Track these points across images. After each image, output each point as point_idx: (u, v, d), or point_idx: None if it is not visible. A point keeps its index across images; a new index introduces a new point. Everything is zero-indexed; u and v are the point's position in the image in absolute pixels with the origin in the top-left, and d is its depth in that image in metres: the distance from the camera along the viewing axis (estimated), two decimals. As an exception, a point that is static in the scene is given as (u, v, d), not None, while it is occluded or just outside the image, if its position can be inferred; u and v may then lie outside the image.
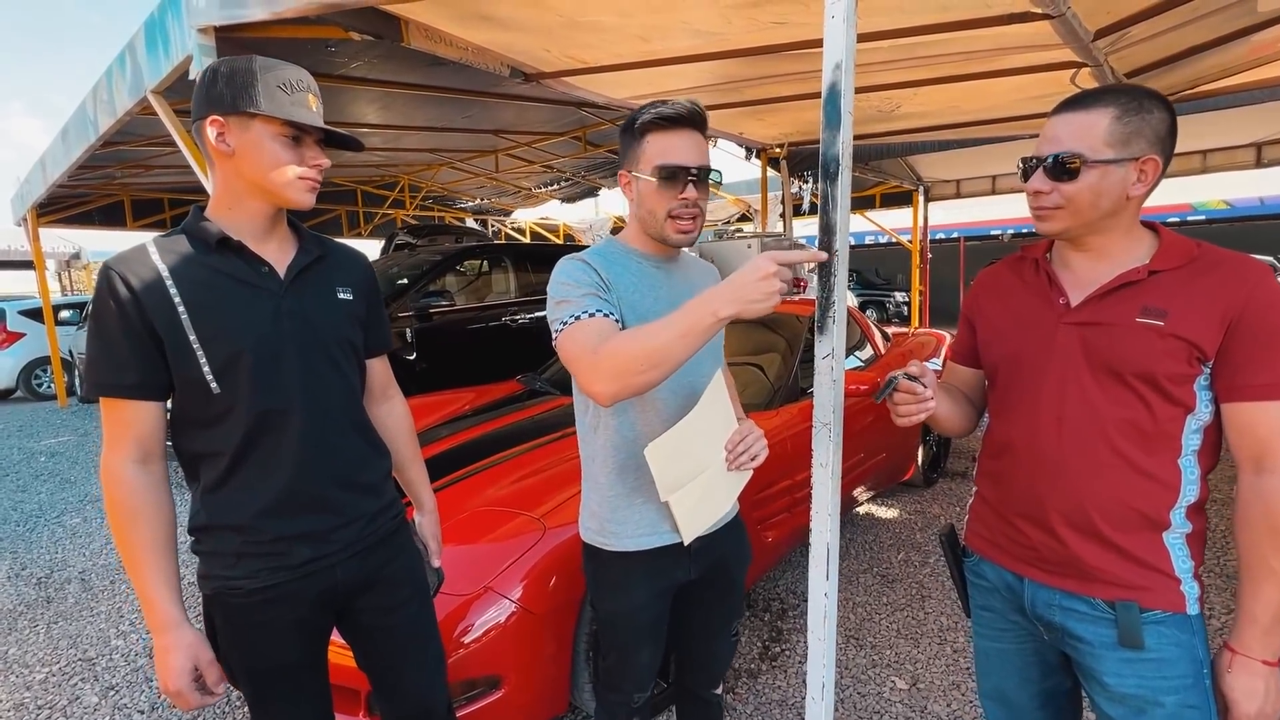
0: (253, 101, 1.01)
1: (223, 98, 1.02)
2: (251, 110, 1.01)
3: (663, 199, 1.21)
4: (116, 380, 1.02)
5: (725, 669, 1.52)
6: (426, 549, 1.39)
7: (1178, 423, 0.99)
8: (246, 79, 1.01)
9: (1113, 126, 0.98)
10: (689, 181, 1.20)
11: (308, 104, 1.07)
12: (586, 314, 1.15)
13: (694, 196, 1.22)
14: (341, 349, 1.17)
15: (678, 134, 1.20)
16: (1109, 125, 0.98)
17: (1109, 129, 0.98)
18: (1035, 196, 1.04)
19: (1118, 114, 0.98)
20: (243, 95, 1.01)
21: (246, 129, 1.03)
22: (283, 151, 1.05)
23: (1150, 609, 1.00)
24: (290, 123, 1.04)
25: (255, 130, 1.03)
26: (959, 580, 1.26)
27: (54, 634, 2.68)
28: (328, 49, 4.07)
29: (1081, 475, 1.03)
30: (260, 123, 1.03)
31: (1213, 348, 0.95)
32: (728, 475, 1.24)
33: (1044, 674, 1.16)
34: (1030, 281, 1.14)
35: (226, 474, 1.08)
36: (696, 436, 1.20)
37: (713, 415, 1.21)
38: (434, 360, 4.63)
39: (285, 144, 1.05)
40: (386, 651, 1.27)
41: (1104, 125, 0.98)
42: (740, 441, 1.21)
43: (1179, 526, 1.00)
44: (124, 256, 1.04)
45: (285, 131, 1.05)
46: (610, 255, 1.29)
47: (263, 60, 1.04)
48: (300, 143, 1.07)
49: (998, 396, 1.17)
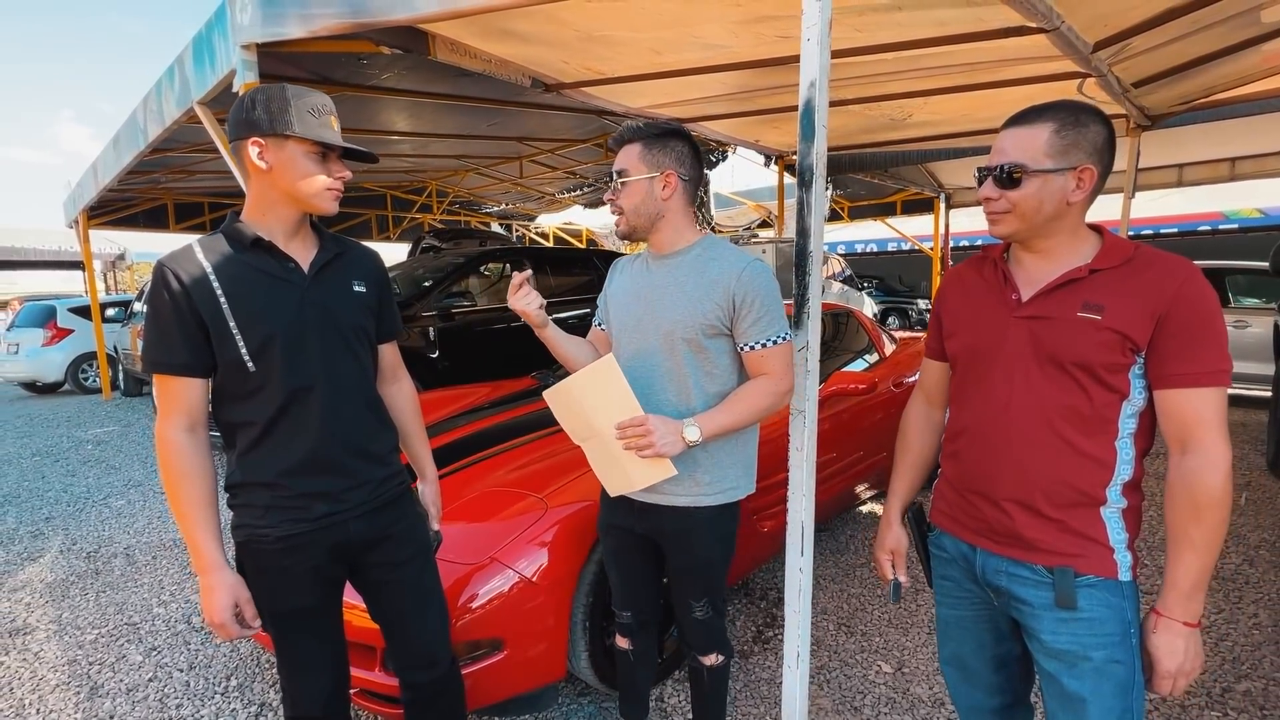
0: (288, 125, 1.19)
1: (261, 122, 1.20)
2: (287, 132, 1.19)
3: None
4: (169, 359, 1.20)
5: (703, 643, 1.61)
6: (428, 513, 1.54)
7: (1114, 408, 1.10)
8: (282, 105, 1.20)
9: (1052, 139, 1.09)
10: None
11: (330, 125, 1.26)
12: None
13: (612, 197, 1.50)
14: (356, 334, 1.35)
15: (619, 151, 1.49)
16: (1048, 138, 1.09)
17: (1048, 141, 1.09)
18: (986, 202, 1.16)
19: (1056, 128, 1.09)
20: (279, 119, 1.19)
21: (282, 148, 1.21)
22: (313, 166, 1.23)
23: (1085, 574, 1.10)
24: (319, 142, 1.22)
25: (289, 149, 1.21)
26: (923, 553, 1.37)
27: (102, 601, 2.91)
28: (359, 62, 4.30)
29: (1026, 455, 1.14)
30: (294, 143, 1.21)
31: (1144, 339, 1.06)
32: (636, 459, 1.37)
33: (997, 640, 1.27)
34: (989, 279, 1.25)
35: (259, 440, 1.26)
36: (584, 400, 1.40)
37: (602, 389, 1.38)
38: (455, 358, 4.82)
39: (315, 160, 1.24)
40: (394, 603, 1.43)
41: (1044, 138, 1.09)
42: (630, 425, 1.35)
43: (1115, 502, 1.11)
44: (175, 255, 1.23)
45: (315, 149, 1.23)
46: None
47: (293, 88, 1.22)
48: (326, 158, 1.26)
49: (957, 384, 1.28)
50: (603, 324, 1.64)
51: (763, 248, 5.87)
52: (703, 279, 1.42)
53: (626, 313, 1.52)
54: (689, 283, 1.44)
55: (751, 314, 1.40)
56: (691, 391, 1.44)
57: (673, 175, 1.44)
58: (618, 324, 1.54)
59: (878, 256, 17.00)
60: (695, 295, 1.42)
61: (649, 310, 1.47)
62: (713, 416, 1.39)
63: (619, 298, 1.56)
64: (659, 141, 1.44)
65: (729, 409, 1.41)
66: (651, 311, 1.47)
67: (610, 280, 1.63)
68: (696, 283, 1.43)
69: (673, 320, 1.43)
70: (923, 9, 2.49)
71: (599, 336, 1.66)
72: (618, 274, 1.62)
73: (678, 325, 1.42)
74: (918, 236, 10.83)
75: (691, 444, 1.36)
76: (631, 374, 1.44)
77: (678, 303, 1.43)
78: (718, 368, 1.45)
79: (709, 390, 1.45)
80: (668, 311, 1.44)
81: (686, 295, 1.43)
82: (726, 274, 1.41)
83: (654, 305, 1.46)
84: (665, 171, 1.43)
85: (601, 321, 1.65)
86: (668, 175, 1.43)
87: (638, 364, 1.47)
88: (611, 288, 1.61)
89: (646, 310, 1.47)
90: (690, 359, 1.43)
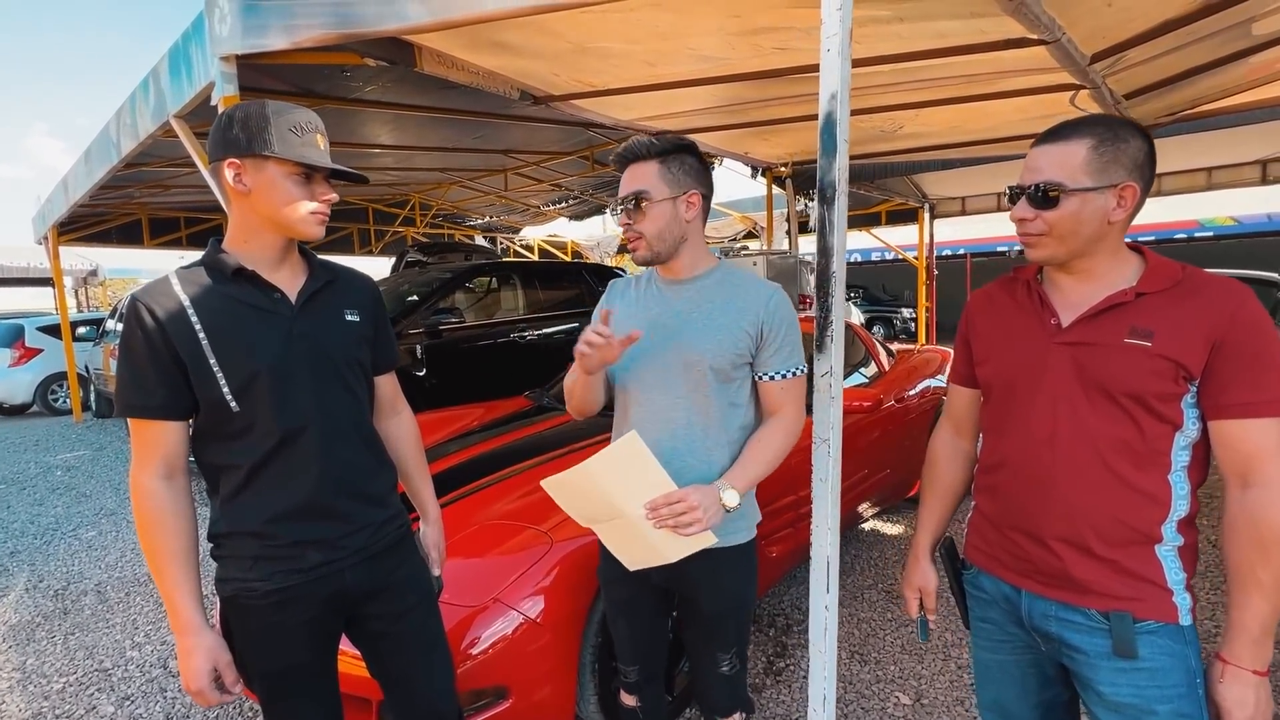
0: (266, 145, 1.09)
1: (238, 142, 1.10)
2: (265, 153, 1.09)
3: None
4: (144, 402, 1.09)
5: (726, 703, 1.49)
6: (428, 557, 1.43)
7: (1166, 440, 1.03)
8: (260, 123, 1.09)
9: (1090, 156, 1.02)
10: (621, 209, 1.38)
11: (316, 144, 1.15)
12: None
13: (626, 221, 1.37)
14: (350, 368, 1.25)
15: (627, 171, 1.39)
16: (1086, 155, 1.03)
17: (1086, 158, 1.03)
18: (1020, 224, 1.09)
19: (1094, 144, 1.03)
20: (257, 139, 1.09)
21: (261, 170, 1.11)
22: (295, 189, 1.13)
23: (1144, 619, 1.02)
24: (300, 163, 1.12)
25: (269, 171, 1.11)
26: (958, 592, 1.29)
27: (71, 645, 2.73)
28: (343, 74, 4.20)
29: (1074, 491, 1.06)
30: (274, 164, 1.11)
31: (1198, 367, 0.99)
32: (671, 534, 1.24)
33: (1042, 685, 1.19)
34: (1022, 302, 1.18)
35: (245, 484, 1.15)
36: (605, 484, 1.24)
37: (627, 469, 1.23)
38: (443, 376, 4.69)
39: (297, 182, 1.13)
40: (396, 658, 1.31)
41: (1082, 155, 1.03)
42: (665, 504, 1.22)
43: (1171, 540, 1.03)
44: (149, 288, 1.12)
45: (297, 171, 1.13)
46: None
47: (275, 105, 1.12)
48: (311, 180, 1.15)
49: (991, 413, 1.21)
50: None
51: (754, 260, 5.83)
52: (730, 306, 1.34)
53: (644, 341, 1.41)
54: (717, 310, 1.35)
55: (775, 342, 1.33)
56: (715, 422, 1.35)
57: (696, 195, 1.35)
58: (630, 353, 1.44)
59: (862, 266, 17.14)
60: (725, 323, 1.33)
61: (671, 339, 1.37)
62: (744, 472, 1.30)
63: (629, 325, 1.42)
64: (677, 159, 1.34)
65: (757, 460, 1.32)
66: (675, 340, 1.37)
67: (610, 305, 1.48)
68: (724, 309, 1.34)
69: (702, 349, 1.34)
70: (924, 20, 2.46)
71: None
72: (620, 299, 1.50)
73: (708, 354, 1.33)
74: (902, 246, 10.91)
75: (730, 509, 1.26)
76: (651, 407, 1.36)
77: (707, 331, 1.34)
78: (740, 397, 1.38)
79: (732, 422, 1.36)
80: (696, 340, 1.34)
81: (716, 324, 1.34)
82: (755, 301, 1.34)
83: (678, 333, 1.37)
84: (689, 192, 1.34)
85: None
86: (691, 196, 1.34)
87: (658, 396, 1.38)
88: (616, 316, 1.43)
89: (668, 339, 1.38)
90: (718, 389, 1.35)
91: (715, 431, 1.35)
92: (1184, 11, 2.52)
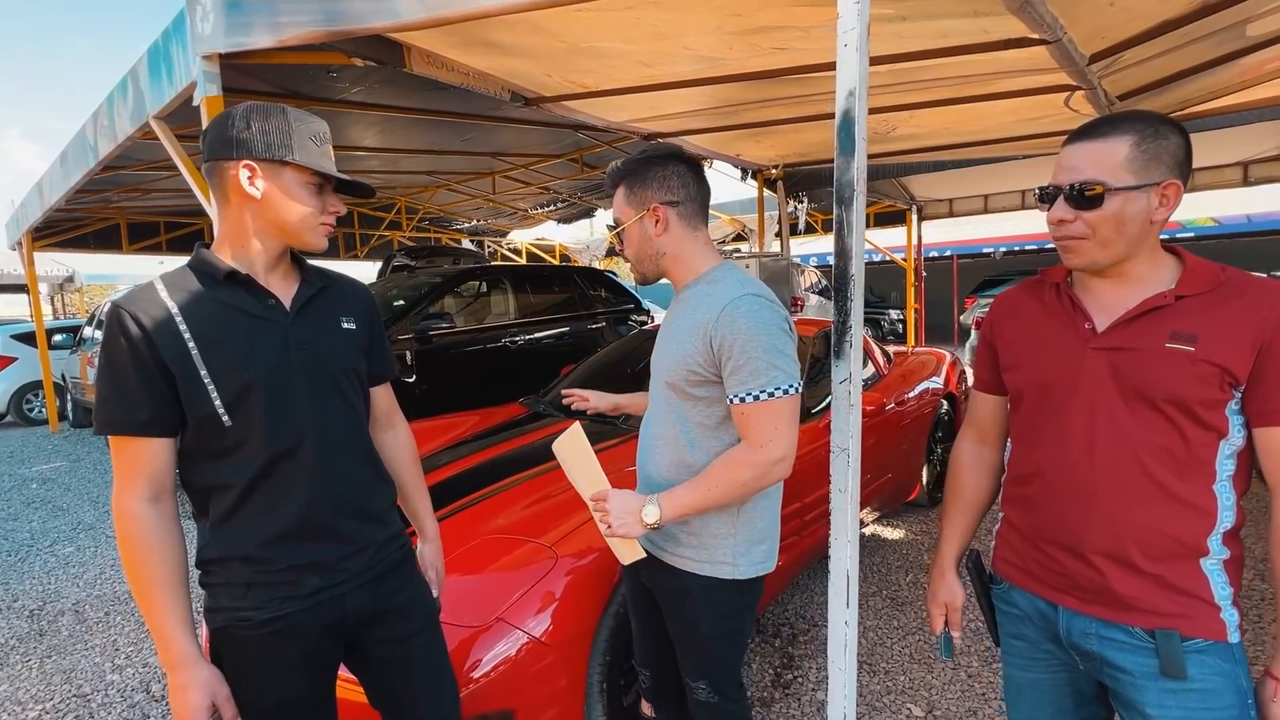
0: (290, 151, 1.06)
1: (253, 143, 1.05)
2: (289, 159, 1.06)
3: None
4: (128, 418, 1.01)
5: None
6: (426, 579, 1.36)
7: (1211, 448, 0.99)
8: (283, 128, 1.06)
9: (1132, 153, 0.98)
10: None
11: (329, 155, 1.13)
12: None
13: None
14: (348, 378, 1.19)
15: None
16: (1128, 152, 0.98)
17: (1129, 156, 0.98)
18: (1059, 226, 1.03)
19: (1136, 140, 0.98)
20: (279, 144, 1.06)
21: (278, 175, 1.07)
22: (309, 198, 1.10)
23: (1191, 637, 0.98)
24: (319, 172, 1.09)
25: (287, 177, 1.08)
26: (987, 608, 1.24)
27: (47, 669, 2.61)
28: (328, 74, 4.11)
29: (1116, 503, 1.01)
30: (292, 171, 1.08)
31: (1244, 372, 0.95)
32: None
33: (1078, 704, 1.14)
34: (1051, 305, 1.13)
35: (237, 505, 1.07)
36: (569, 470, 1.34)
37: (576, 459, 1.30)
38: (434, 383, 4.60)
39: (312, 191, 1.11)
40: (400, 686, 1.24)
41: (1123, 152, 0.98)
42: (595, 499, 1.26)
43: (1216, 553, 0.99)
44: (133, 295, 1.05)
45: (314, 180, 1.10)
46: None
47: (294, 112, 1.08)
48: (323, 191, 1.12)
49: (1023, 421, 1.16)
50: None
51: (746, 263, 5.79)
52: (691, 318, 1.26)
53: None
54: (681, 322, 1.29)
55: (731, 361, 1.18)
56: (682, 445, 1.29)
57: (658, 208, 1.28)
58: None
59: (848, 268, 17.18)
60: (682, 337, 1.26)
61: (656, 354, 1.37)
62: (677, 495, 1.21)
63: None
64: (638, 176, 1.30)
65: (695, 486, 1.21)
66: (656, 354, 1.36)
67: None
68: (686, 322, 1.27)
69: (661, 366, 1.31)
70: (927, 19, 2.43)
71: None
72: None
73: (665, 371, 1.30)
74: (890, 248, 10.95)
75: (651, 525, 1.20)
76: (645, 421, 1.39)
77: (667, 346, 1.31)
78: (712, 419, 1.27)
79: (706, 446, 1.28)
80: (660, 356, 1.33)
81: (677, 338, 1.28)
82: (709, 312, 1.21)
83: (658, 349, 1.36)
84: (650, 207, 1.29)
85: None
86: (654, 210, 1.29)
87: (650, 411, 1.39)
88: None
89: (655, 354, 1.37)
90: (683, 409, 1.28)
91: (682, 453, 1.29)
92: (1184, 11, 2.51)
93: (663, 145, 1.36)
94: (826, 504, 2.64)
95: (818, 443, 2.63)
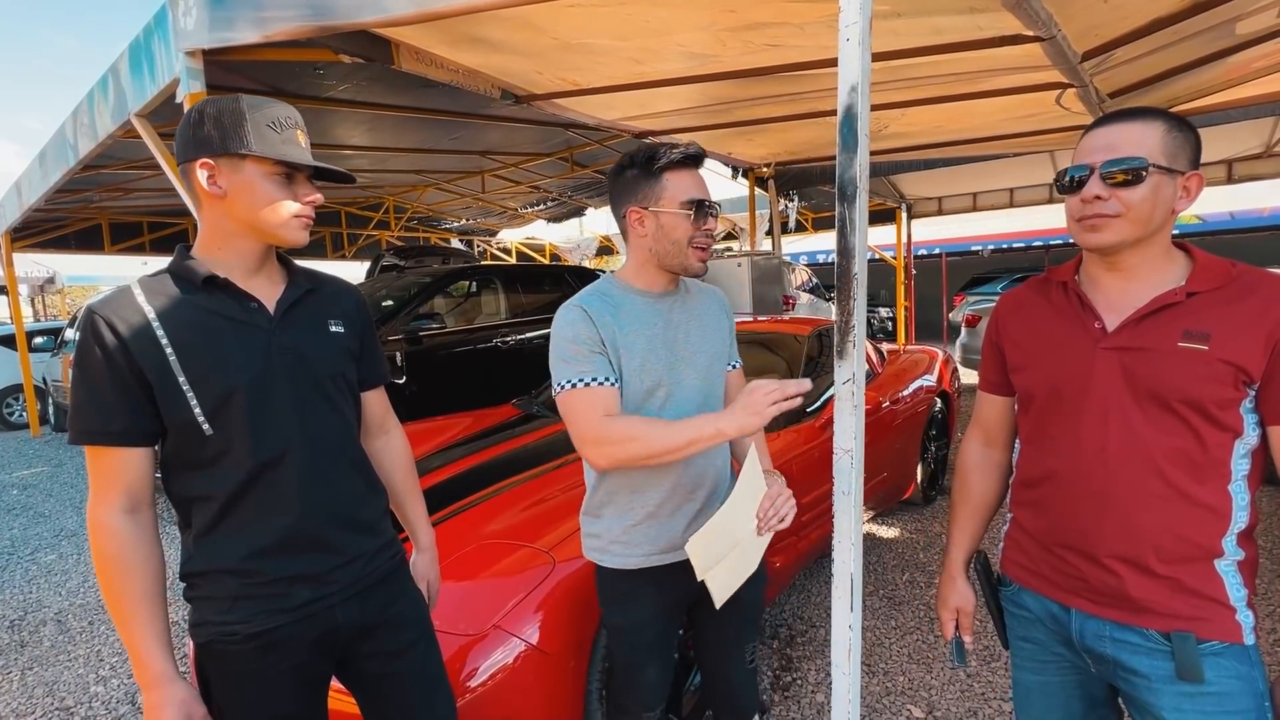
0: (243, 142, 1.00)
1: (211, 140, 1.00)
2: (242, 151, 1.00)
3: (689, 230, 1.29)
4: (104, 427, 0.98)
5: (751, 703, 1.49)
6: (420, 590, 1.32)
7: (1226, 448, 0.97)
8: (235, 119, 1.00)
9: (1166, 139, 0.97)
10: (710, 214, 1.31)
11: (297, 140, 1.06)
12: (585, 381, 1.25)
13: (714, 226, 1.33)
14: (336, 383, 1.14)
15: (693, 172, 1.31)
16: (1163, 136, 0.97)
17: (1163, 140, 0.97)
18: (1092, 204, 0.99)
19: (1168, 128, 0.98)
20: (232, 136, 0.99)
21: (238, 170, 1.01)
22: (276, 190, 1.03)
23: (1207, 639, 0.97)
24: (282, 161, 1.02)
25: (247, 171, 1.01)
26: (995, 610, 1.23)
27: (28, 681, 2.54)
28: (315, 71, 4.04)
29: (1131, 507, 1.00)
30: (251, 163, 1.01)
31: (1259, 370, 0.94)
32: (757, 539, 1.29)
33: (1088, 708, 1.13)
34: (1059, 304, 1.11)
35: (220, 517, 1.03)
36: (733, 519, 1.26)
37: (746, 493, 1.26)
38: (425, 384, 4.55)
39: (278, 183, 1.04)
40: (395, 700, 1.20)
41: (1159, 135, 0.97)
42: (770, 506, 1.27)
43: (1231, 554, 0.98)
44: (108, 299, 1.01)
45: (278, 170, 1.03)
46: (608, 298, 1.33)
47: (250, 99, 1.02)
48: (293, 180, 1.06)
49: (1032, 423, 1.14)
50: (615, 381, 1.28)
51: (738, 261, 5.78)
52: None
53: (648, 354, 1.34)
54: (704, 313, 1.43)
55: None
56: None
57: (634, 210, 1.31)
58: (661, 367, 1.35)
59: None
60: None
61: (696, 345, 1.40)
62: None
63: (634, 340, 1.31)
64: (615, 183, 1.34)
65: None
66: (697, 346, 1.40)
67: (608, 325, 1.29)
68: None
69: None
70: (922, 16, 2.42)
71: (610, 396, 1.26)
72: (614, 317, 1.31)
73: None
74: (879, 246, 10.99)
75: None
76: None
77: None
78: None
79: None
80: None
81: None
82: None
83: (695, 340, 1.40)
84: (626, 210, 1.32)
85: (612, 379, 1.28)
86: (630, 212, 1.32)
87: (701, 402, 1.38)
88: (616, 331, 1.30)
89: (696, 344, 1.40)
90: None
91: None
92: (1175, 9, 2.52)
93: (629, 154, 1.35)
94: (821, 505, 2.64)
95: (813, 443, 2.62)
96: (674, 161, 1.28)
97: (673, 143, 1.32)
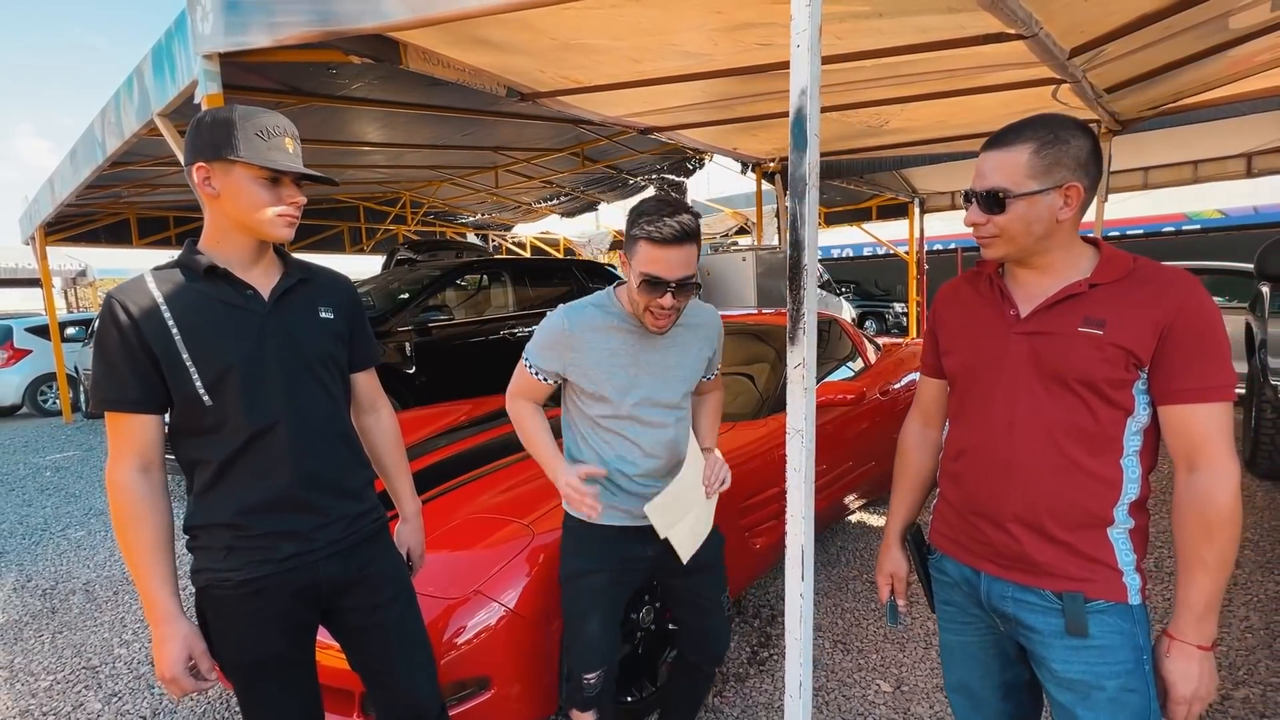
0: (232, 149, 1.12)
1: (206, 146, 1.13)
2: (231, 157, 1.12)
3: (643, 299, 1.42)
4: (119, 396, 1.12)
5: (723, 645, 1.71)
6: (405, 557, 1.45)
7: (1119, 425, 1.06)
8: (227, 128, 1.12)
9: (1032, 161, 1.05)
10: (668, 291, 1.39)
11: (284, 147, 1.17)
12: (530, 366, 1.57)
13: (669, 303, 1.41)
14: (324, 364, 1.27)
15: (666, 250, 1.37)
16: (1028, 160, 1.05)
17: (1029, 163, 1.05)
18: (974, 227, 1.13)
19: (1035, 148, 1.05)
20: (224, 143, 1.12)
21: (228, 174, 1.14)
22: (261, 193, 1.15)
23: (1095, 599, 1.06)
24: (266, 166, 1.14)
25: (236, 174, 1.14)
26: (924, 576, 1.32)
27: (58, 643, 2.74)
28: (328, 71, 4.19)
29: (1032, 476, 1.09)
30: (240, 168, 1.14)
31: (1147, 354, 1.02)
32: (706, 502, 1.56)
33: (1004, 666, 1.22)
34: (985, 294, 1.21)
35: (217, 478, 1.17)
36: (682, 487, 1.49)
37: (691, 467, 1.52)
38: (433, 374, 4.70)
39: (263, 185, 1.15)
40: (377, 650, 1.33)
41: (1024, 160, 1.05)
42: (713, 474, 1.54)
43: (1122, 522, 1.06)
44: (124, 287, 1.15)
45: (263, 175, 1.15)
46: (593, 316, 1.52)
47: (242, 109, 1.14)
48: (278, 183, 1.17)
49: (956, 402, 1.24)
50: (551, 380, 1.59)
51: (743, 255, 5.84)
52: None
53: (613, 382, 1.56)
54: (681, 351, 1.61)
55: None
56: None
57: (623, 255, 1.49)
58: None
59: (854, 261, 17.18)
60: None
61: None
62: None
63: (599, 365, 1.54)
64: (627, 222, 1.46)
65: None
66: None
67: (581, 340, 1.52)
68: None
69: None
70: (904, 15, 2.48)
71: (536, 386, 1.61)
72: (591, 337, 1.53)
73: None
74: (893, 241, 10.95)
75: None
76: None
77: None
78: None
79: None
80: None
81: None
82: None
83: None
84: (620, 253, 1.53)
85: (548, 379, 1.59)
86: (621, 254, 1.51)
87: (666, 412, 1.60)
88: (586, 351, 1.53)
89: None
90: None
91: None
92: (1160, 6, 2.54)
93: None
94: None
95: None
96: (644, 236, 1.37)
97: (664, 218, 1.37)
